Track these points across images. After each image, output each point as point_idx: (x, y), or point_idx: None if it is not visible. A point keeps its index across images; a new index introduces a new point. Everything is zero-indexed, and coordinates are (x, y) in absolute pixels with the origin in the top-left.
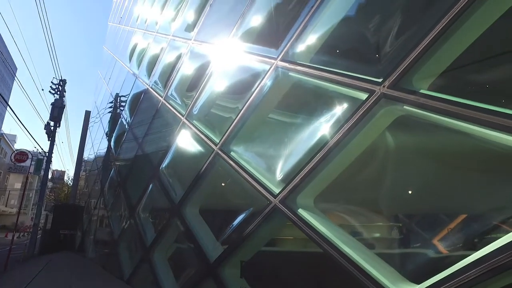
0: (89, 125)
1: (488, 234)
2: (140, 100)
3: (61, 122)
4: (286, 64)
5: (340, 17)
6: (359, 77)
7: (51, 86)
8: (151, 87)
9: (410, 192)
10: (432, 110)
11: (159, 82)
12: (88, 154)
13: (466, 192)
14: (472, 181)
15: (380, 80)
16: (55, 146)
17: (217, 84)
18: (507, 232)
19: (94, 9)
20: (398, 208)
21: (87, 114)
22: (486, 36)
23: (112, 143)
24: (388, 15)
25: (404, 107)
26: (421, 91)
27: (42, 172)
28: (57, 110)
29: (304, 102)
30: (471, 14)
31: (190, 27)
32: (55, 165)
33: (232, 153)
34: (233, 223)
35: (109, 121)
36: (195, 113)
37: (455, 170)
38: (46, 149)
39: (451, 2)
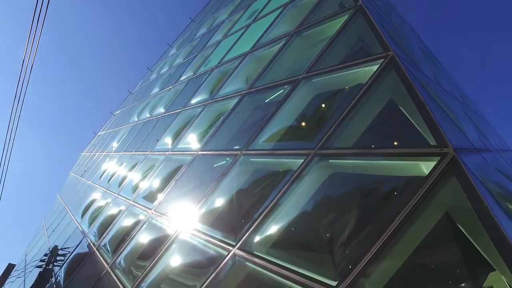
0: (8, 281)
1: None
2: (82, 262)
3: None
4: (244, 254)
5: (297, 212)
6: (315, 278)
7: None
8: (98, 250)
9: None
10: None
11: (108, 247)
12: None
13: None
14: None
15: (335, 284)
16: None
17: (171, 262)
18: None
19: (60, 155)
20: None
21: (9, 268)
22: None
23: None
24: (344, 215)
25: None
26: None
27: None
28: None
29: None
30: (414, 221)
31: (152, 197)
32: None
33: None
34: None
35: (35, 281)
36: None
37: None
38: None
39: (401, 204)
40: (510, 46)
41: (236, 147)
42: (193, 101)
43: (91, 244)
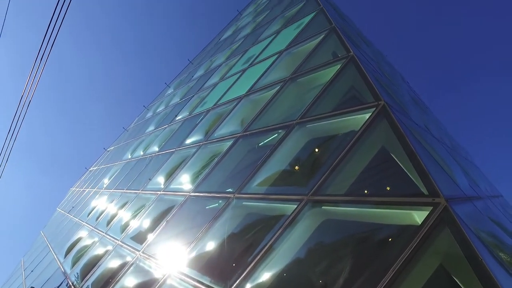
0: None
1: None
2: None
3: None
4: None
5: (290, 260)
6: None
7: None
8: None
9: None
10: None
11: None
12: None
13: None
14: None
15: None
16: None
17: None
18: None
19: (48, 189)
20: None
21: None
22: None
23: None
24: (338, 263)
25: None
26: None
27: None
28: None
29: None
30: (408, 273)
31: (141, 237)
32: None
33: None
34: None
35: None
36: None
37: None
38: None
39: (395, 254)
40: (497, 89)
41: (229, 190)
42: (188, 141)
43: (72, 286)
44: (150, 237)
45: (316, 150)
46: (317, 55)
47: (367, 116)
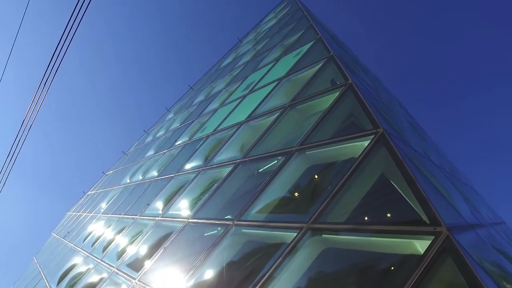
0: None
1: None
2: None
3: None
4: None
5: (293, 284)
6: None
7: None
8: None
9: None
10: None
11: None
12: None
13: None
14: None
15: None
16: None
17: None
18: None
19: (43, 213)
20: None
21: None
22: None
23: None
24: None
25: None
26: None
27: None
28: None
29: None
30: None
31: (138, 265)
32: None
33: None
34: None
35: None
36: None
37: None
38: None
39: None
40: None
41: (228, 216)
42: (187, 166)
43: None
44: (147, 264)
45: (316, 177)
46: (316, 82)
47: (366, 143)
